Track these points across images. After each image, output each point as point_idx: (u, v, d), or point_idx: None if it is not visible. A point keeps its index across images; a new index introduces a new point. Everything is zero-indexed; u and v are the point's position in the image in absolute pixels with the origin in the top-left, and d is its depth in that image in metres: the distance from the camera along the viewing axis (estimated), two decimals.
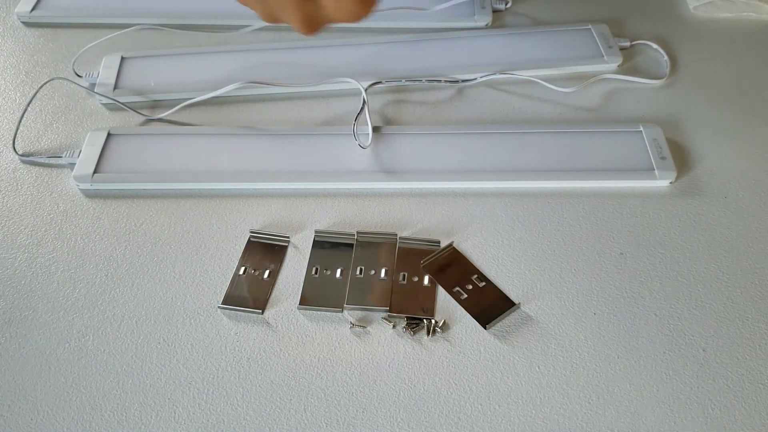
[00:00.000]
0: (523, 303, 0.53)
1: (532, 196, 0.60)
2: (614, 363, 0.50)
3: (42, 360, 0.51)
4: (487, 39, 0.75)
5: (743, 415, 0.47)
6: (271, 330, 0.52)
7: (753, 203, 0.60)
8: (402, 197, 0.60)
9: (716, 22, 0.77)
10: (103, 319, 0.53)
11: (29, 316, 0.53)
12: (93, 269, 0.56)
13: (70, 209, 0.60)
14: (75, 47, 0.74)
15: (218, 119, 0.68)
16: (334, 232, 0.58)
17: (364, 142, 0.63)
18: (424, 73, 0.70)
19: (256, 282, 0.55)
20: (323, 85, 0.70)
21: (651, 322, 0.52)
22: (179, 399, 0.48)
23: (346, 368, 0.50)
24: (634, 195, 0.60)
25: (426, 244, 0.57)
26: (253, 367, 0.50)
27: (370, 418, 0.47)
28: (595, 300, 0.53)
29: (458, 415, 0.47)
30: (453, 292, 0.54)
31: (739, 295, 0.53)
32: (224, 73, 0.69)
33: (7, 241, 0.58)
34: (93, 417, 0.48)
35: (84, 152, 0.63)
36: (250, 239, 0.58)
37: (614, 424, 0.47)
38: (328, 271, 0.56)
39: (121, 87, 0.70)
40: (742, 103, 0.68)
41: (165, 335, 0.52)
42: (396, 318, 0.52)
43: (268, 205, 0.60)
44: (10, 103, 0.70)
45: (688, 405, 0.48)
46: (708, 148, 0.64)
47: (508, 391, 0.48)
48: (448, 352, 0.51)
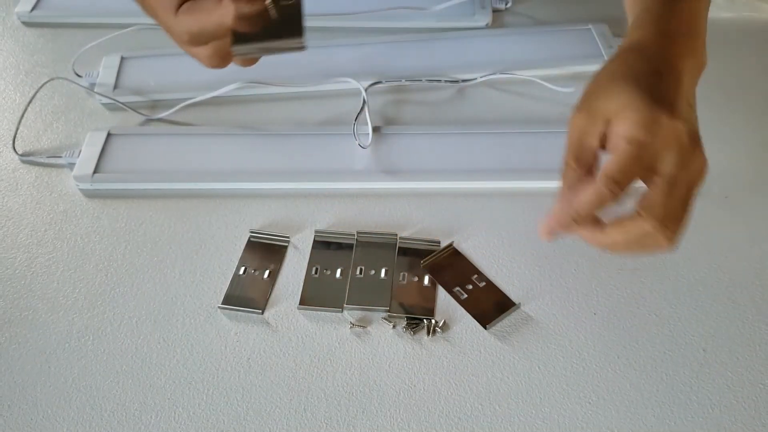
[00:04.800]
0: (523, 303, 0.53)
1: (533, 195, 0.60)
2: (614, 363, 0.50)
3: (42, 360, 0.51)
4: (487, 39, 0.75)
5: (743, 415, 0.47)
6: (271, 330, 0.52)
7: (753, 203, 0.60)
8: (402, 197, 0.60)
9: (716, 22, 0.77)
10: (103, 319, 0.53)
11: (29, 316, 0.53)
12: (93, 269, 0.56)
13: (70, 209, 0.60)
14: (75, 47, 0.74)
15: (218, 119, 0.68)
16: (334, 232, 0.58)
17: (364, 142, 0.63)
18: (424, 73, 0.70)
19: (256, 282, 0.55)
20: (323, 85, 0.70)
21: (651, 322, 0.52)
22: (179, 399, 0.48)
23: (346, 368, 0.50)
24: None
25: (426, 244, 0.57)
26: (253, 367, 0.50)
27: (370, 418, 0.47)
28: (595, 300, 0.53)
29: (458, 415, 0.47)
30: (453, 292, 0.54)
31: (739, 295, 0.53)
32: (224, 73, 0.69)
33: (7, 241, 0.58)
34: (93, 417, 0.48)
35: (84, 152, 0.63)
36: (250, 239, 0.58)
37: (614, 424, 0.47)
38: (328, 271, 0.55)
39: (121, 87, 0.70)
40: (742, 102, 0.68)
41: (165, 335, 0.52)
42: (396, 318, 0.52)
43: (268, 205, 0.60)
44: (10, 103, 0.70)
45: (688, 405, 0.48)
46: (708, 148, 0.64)
47: (508, 391, 0.48)
48: (448, 352, 0.51)
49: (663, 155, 0.45)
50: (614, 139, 0.45)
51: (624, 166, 0.44)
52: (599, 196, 0.44)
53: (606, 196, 0.44)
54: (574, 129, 0.47)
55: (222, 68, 0.48)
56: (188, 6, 0.46)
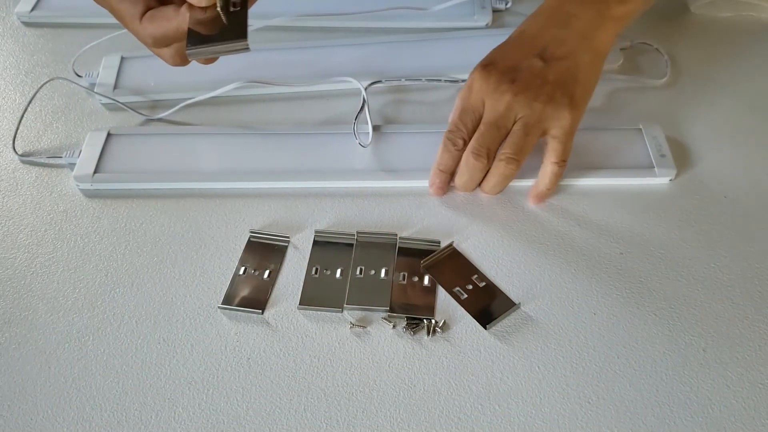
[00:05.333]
0: (523, 303, 0.53)
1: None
2: (614, 363, 0.50)
3: (42, 360, 0.51)
4: (487, 39, 0.74)
5: (743, 415, 0.47)
6: (271, 330, 0.52)
7: (753, 203, 0.60)
8: (402, 197, 0.60)
9: (716, 22, 0.77)
10: (103, 319, 0.53)
11: (29, 316, 0.53)
12: (93, 269, 0.56)
13: (70, 209, 0.60)
14: (75, 47, 0.74)
15: (218, 119, 0.68)
16: (334, 232, 0.58)
17: (364, 141, 0.63)
18: (424, 72, 0.70)
19: (256, 282, 0.55)
20: (323, 85, 0.70)
21: (651, 322, 0.52)
22: (179, 399, 0.48)
23: (346, 368, 0.50)
24: (633, 194, 0.60)
25: (426, 244, 0.57)
26: (253, 367, 0.50)
27: (370, 418, 0.47)
28: (595, 300, 0.53)
29: (458, 415, 0.47)
30: (453, 292, 0.54)
31: (739, 295, 0.53)
32: (224, 73, 0.69)
33: (7, 241, 0.58)
34: (93, 417, 0.48)
35: (84, 152, 0.63)
36: (250, 239, 0.58)
37: (614, 424, 0.47)
38: (328, 271, 0.55)
39: (121, 87, 0.70)
40: (742, 102, 0.68)
41: (165, 335, 0.52)
42: (396, 318, 0.52)
43: (268, 205, 0.60)
44: (10, 103, 0.70)
45: (688, 405, 0.48)
46: (708, 148, 0.64)
47: (508, 391, 0.48)
48: (448, 352, 0.51)
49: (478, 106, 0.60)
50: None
51: (452, 118, 0.60)
52: (444, 146, 0.59)
53: (447, 144, 0.59)
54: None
55: (184, 66, 0.55)
56: (151, 14, 0.52)
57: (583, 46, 0.60)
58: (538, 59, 0.59)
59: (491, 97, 0.59)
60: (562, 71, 0.59)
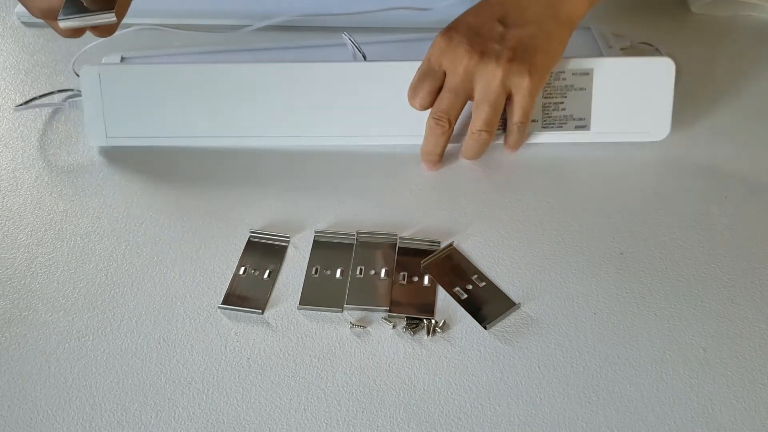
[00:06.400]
0: (523, 303, 0.53)
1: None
2: (614, 363, 0.50)
3: (42, 360, 0.51)
4: None
5: (743, 415, 0.47)
6: (271, 330, 0.52)
7: (753, 203, 0.60)
8: (402, 195, 0.60)
9: (716, 22, 0.77)
10: (103, 319, 0.53)
11: (29, 316, 0.53)
12: (93, 269, 0.56)
13: (70, 209, 0.61)
14: (75, 47, 0.73)
15: None
16: (334, 232, 0.58)
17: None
18: None
19: (256, 282, 0.55)
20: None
21: (651, 322, 0.52)
22: (179, 399, 0.48)
23: (346, 368, 0.50)
24: (634, 193, 0.60)
25: (426, 244, 0.57)
26: (253, 367, 0.50)
27: (370, 418, 0.47)
28: (595, 300, 0.53)
29: (458, 415, 0.47)
30: (453, 292, 0.54)
31: (739, 295, 0.53)
32: None
33: (7, 241, 0.58)
34: (93, 417, 0.47)
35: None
36: (250, 239, 0.58)
37: (614, 424, 0.47)
38: (328, 271, 0.56)
39: None
40: (742, 102, 0.68)
41: (165, 335, 0.52)
42: (396, 318, 0.52)
43: (268, 205, 0.60)
44: (10, 104, 0.70)
45: (688, 405, 0.48)
46: (708, 148, 0.64)
47: (508, 391, 0.48)
48: (448, 352, 0.51)
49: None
50: None
51: (413, 82, 0.62)
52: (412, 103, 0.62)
53: (413, 105, 0.62)
54: None
55: (76, 38, 0.59)
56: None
57: (547, 13, 0.60)
58: (499, 24, 0.60)
59: (450, 62, 0.60)
60: (521, 37, 0.60)
